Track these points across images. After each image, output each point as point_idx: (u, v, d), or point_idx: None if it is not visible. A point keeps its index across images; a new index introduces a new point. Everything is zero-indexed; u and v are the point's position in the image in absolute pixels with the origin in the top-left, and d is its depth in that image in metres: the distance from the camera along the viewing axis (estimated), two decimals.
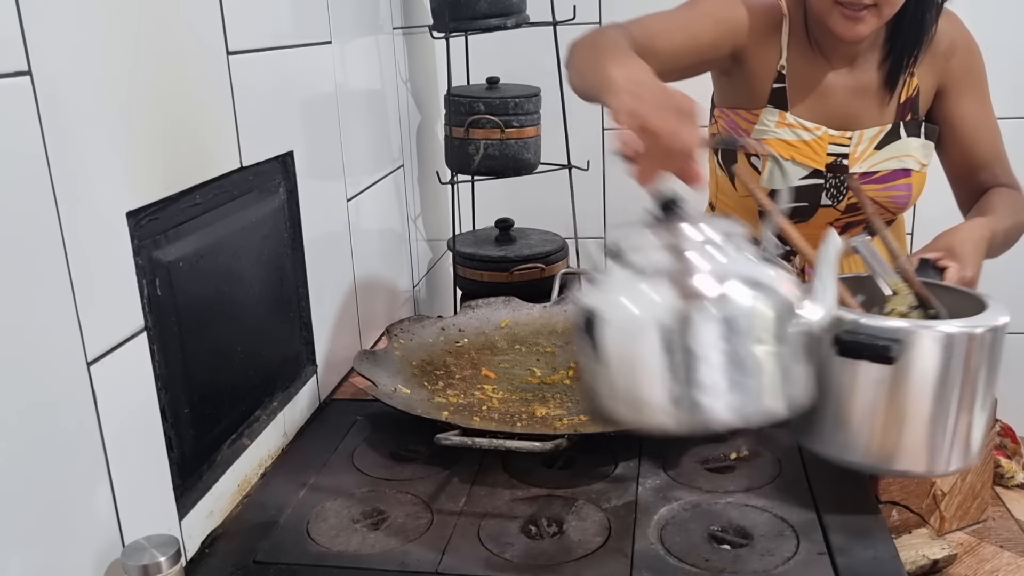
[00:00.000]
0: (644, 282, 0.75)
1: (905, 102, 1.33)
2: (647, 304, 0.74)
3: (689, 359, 0.73)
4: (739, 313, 0.73)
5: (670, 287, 0.74)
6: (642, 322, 0.73)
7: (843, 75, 1.33)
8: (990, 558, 1.18)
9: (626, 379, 0.76)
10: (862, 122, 1.33)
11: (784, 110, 1.33)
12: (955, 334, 0.91)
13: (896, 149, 1.33)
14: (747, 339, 0.73)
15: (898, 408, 0.92)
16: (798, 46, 1.33)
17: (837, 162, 1.33)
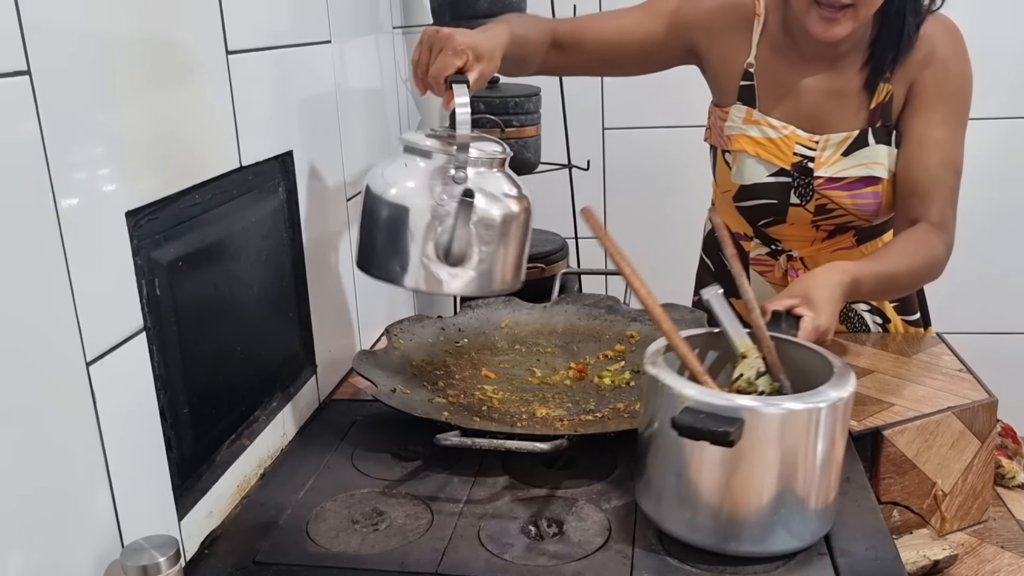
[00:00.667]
0: (421, 175, 1.05)
1: (876, 108, 1.30)
2: (419, 191, 1.05)
3: (433, 236, 1.03)
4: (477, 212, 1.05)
5: (438, 182, 1.05)
6: (411, 204, 1.04)
7: (820, 77, 1.31)
8: (991, 558, 1.18)
9: (387, 242, 1.06)
10: (832, 126, 1.31)
11: (752, 107, 1.33)
12: (798, 411, 0.88)
13: (863, 156, 1.30)
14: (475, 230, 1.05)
15: (739, 487, 0.89)
16: (770, 45, 1.32)
17: (803, 163, 1.31)
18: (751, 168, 1.33)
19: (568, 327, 1.48)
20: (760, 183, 1.34)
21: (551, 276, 1.64)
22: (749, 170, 1.33)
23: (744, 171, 1.34)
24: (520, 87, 1.81)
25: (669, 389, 0.90)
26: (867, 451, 1.16)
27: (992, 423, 1.23)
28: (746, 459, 0.88)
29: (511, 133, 1.74)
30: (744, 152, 1.33)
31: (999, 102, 2.05)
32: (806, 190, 1.32)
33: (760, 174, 1.33)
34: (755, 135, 1.33)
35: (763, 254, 1.44)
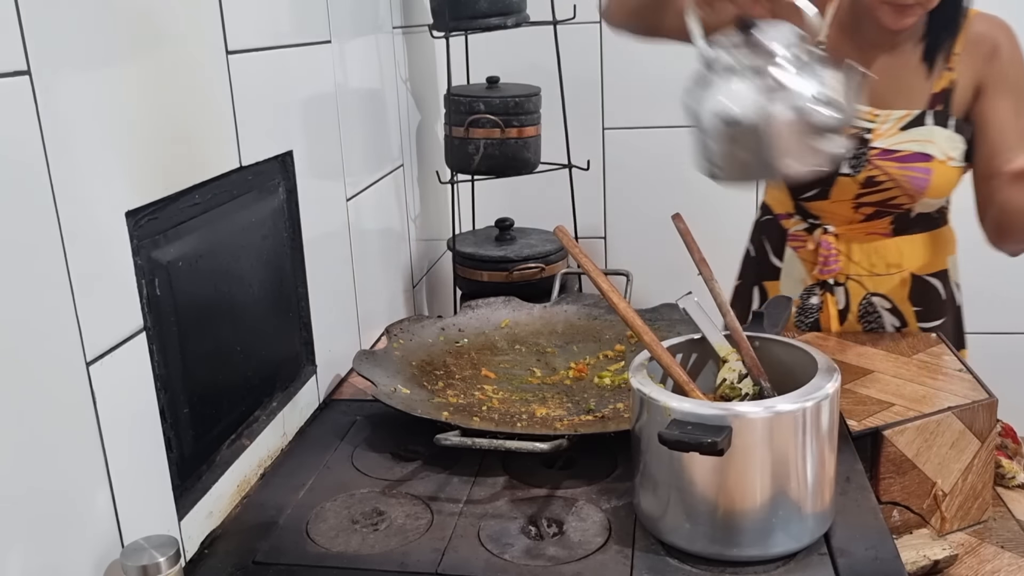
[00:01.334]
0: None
1: (939, 93, 1.36)
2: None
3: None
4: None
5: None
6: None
7: (881, 56, 1.37)
8: (991, 558, 1.18)
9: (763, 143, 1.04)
10: (892, 103, 1.37)
11: None
12: (784, 412, 0.88)
13: (919, 134, 1.36)
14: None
15: (734, 493, 0.89)
16: (839, 25, 1.38)
17: (859, 134, 1.37)
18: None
19: (568, 327, 1.48)
20: None
21: (551, 276, 1.64)
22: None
23: None
24: (520, 87, 1.81)
25: (655, 402, 0.90)
26: (867, 451, 1.16)
27: (992, 423, 1.23)
28: (738, 465, 0.88)
29: (511, 133, 1.74)
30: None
31: None
32: (859, 160, 1.37)
33: None
34: None
35: (800, 230, 1.49)
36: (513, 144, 1.75)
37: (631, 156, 2.18)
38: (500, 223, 1.85)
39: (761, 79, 1.05)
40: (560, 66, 1.88)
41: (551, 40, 1.86)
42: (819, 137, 1.06)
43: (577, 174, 1.93)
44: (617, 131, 2.16)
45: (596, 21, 2.08)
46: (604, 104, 2.14)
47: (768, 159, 1.04)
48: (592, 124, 2.15)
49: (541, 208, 2.03)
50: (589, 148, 2.13)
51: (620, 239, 2.25)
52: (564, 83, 1.91)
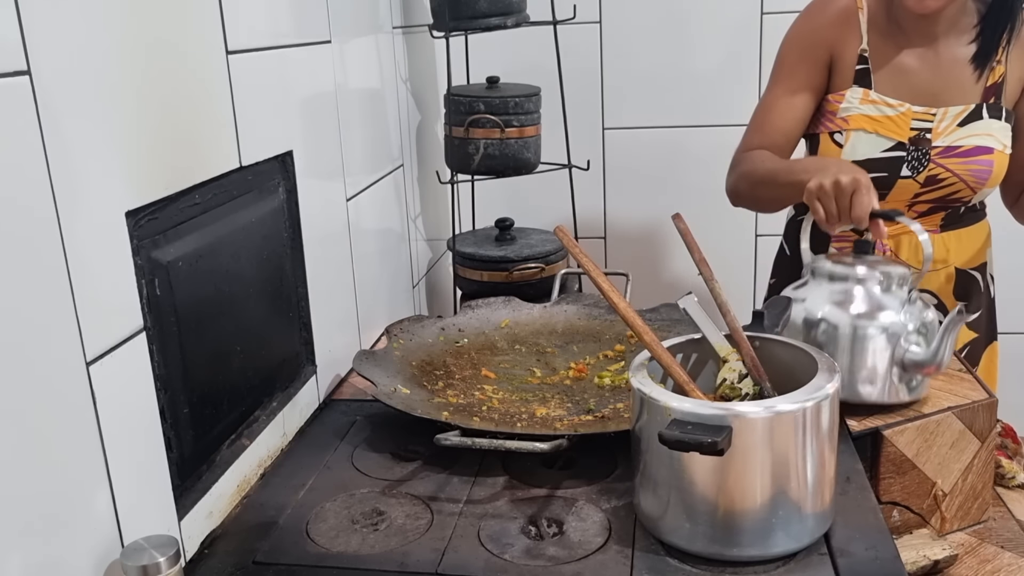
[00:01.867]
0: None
1: (991, 86, 1.37)
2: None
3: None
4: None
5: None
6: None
7: (928, 55, 1.38)
8: (991, 558, 1.18)
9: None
10: (945, 100, 1.38)
11: (868, 88, 1.40)
12: (784, 412, 0.88)
13: (978, 128, 1.37)
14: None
15: (734, 493, 0.90)
16: (878, 29, 1.40)
17: (920, 135, 1.38)
18: (866, 144, 1.39)
19: (568, 327, 1.48)
20: (873, 158, 1.39)
21: (551, 276, 1.64)
22: (863, 146, 1.39)
23: (858, 147, 1.40)
24: (520, 87, 1.81)
25: (655, 402, 0.90)
26: (867, 451, 1.16)
27: (992, 423, 1.23)
28: (738, 465, 0.88)
29: (511, 133, 1.74)
30: (861, 130, 1.39)
31: None
32: (920, 162, 1.38)
33: (875, 149, 1.39)
34: (872, 113, 1.40)
35: (847, 230, 1.47)
36: (513, 144, 1.75)
37: (631, 156, 2.18)
38: (500, 223, 1.85)
39: (867, 300, 1.16)
40: (560, 66, 1.88)
41: (551, 40, 1.86)
42: (904, 372, 1.16)
43: (577, 174, 1.93)
44: (617, 131, 2.15)
45: (596, 21, 2.08)
46: (604, 104, 2.14)
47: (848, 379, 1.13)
48: (592, 124, 2.15)
49: (541, 208, 2.03)
50: (589, 148, 2.13)
51: (620, 239, 2.25)
52: (564, 83, 1.91)
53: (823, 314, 1.17)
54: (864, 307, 1.16)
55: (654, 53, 2.08)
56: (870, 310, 1.16)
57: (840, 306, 1.17)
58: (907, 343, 1.15)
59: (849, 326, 1.16)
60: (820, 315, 1.18)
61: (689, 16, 2.06)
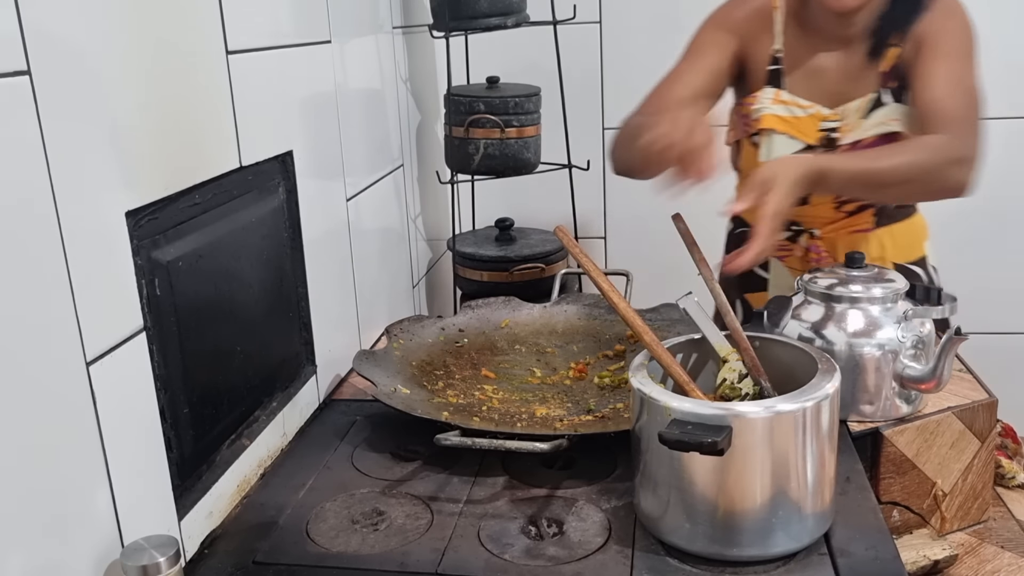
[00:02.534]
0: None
1: (888, 71, 1.35)
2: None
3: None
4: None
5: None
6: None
7: (838, 57, 1.38)
8: (991, 558, 1.18)
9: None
10: (847, 96, 1.37)
11: (779, 88, 1.40)
12: (784, 412, 0.88)
13: (882, 115, 1.35)
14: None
15: (734, 493, 0.90)
16: (792, 31, 1.39)
17: (827, 136, 1.37)
18: (779, 145, 1.39)
19: (568, 327, 1.48)
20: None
21: (551, 276, 1.64)
22: (778, 148, 1.39)
23: (773, 149, 1.39)
24: (520, 87, 1.81)
25: (655, 402, 0.90)
26: (867, 451, 1.16)
27: (992, 423, 1.23)
28: (738, 465, 0.88)
29: (511, 133, 1.74)
30: (772, 130, 1.39)
31: (999, 102, 2.05)
32: None
33: (788, 150, 1.39)
34: (782, 114, 1.39)
35: (783, 239, 1.47)
36: (513, 144, 1.75)
37: None
38: (500, 223, 1.85)
39: (863, 318, 1.15)
40: (560, 66, 1.88)
41: (551, 40, 1.86)
42: (903, 389, 1.16)
43: (577, 174, 1.93)
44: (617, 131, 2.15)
45: (596, 21, 2.08)
46: (604, 104, 2.14)
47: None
48: (592, 124, 2.15)
49: (541, 208, 2.03)
50: (589, 148, 2.13)
51: (620, 239, 2.25)
52: (564, 83, 1.91)
53: (818, 332, 1.17)
54: (860, 325, 1.16)
55: (654, 53, 2.07)
56: (867, 328, 1.16)
57: (836, 324, 1.17)
58: (905, 360, 1.14)
59: (845, 344, 1.15)
60: (815, 333, 1.17)
61: (689, 16, 2.06)
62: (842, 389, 0.95)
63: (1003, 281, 2.15)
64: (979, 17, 1.73)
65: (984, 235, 2.11)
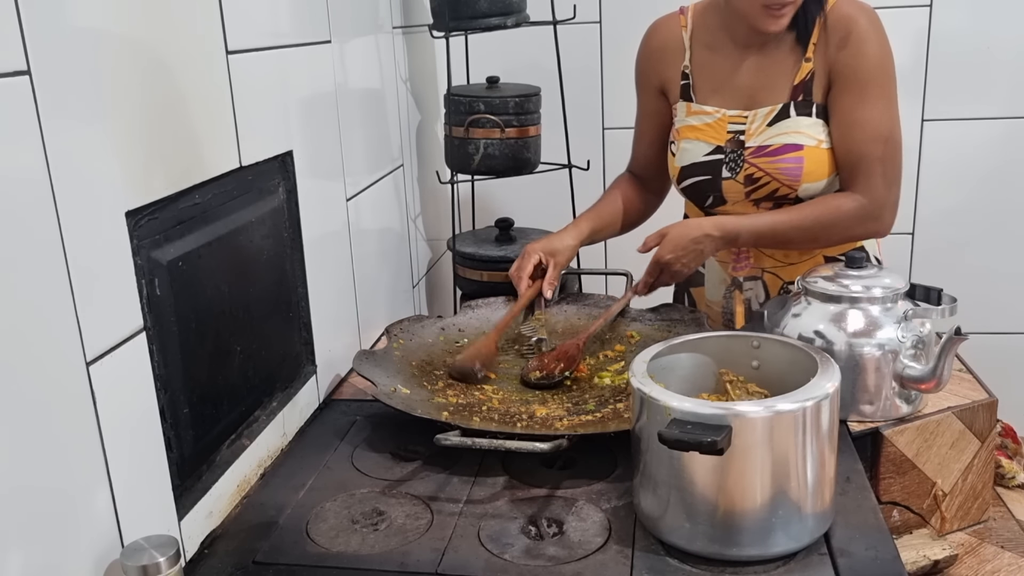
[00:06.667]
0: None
1: (798, 84, 1.37)
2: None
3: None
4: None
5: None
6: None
7: (753, 59, 1.41)
8: (991, 558, 1.18)
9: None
10: (761, 101, 1.40)
11: (690, 101, 1.46)
12: (784, 411, 0.88)
13: (786, 126, 1.38)
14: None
15: (734, 492, 0.90)
16: (701, 42, 1.45)
17: (735, 138, 1.41)
18: (689, 150, 1.45)
19: (568, 327, 1.48)
20: (696, 162, 1.44)
21: None
22: (688, 153, 1.45)
23: (684, 154, 1.46)
24: (520, 87, 1.81)
25: (655, 402, 0.90)
26: (867, 451, 1.16)
27: (992, 423, 1.23)
28: (738, 465, 0.88)
29: (511, 133, 1.74)
30: (687, 139, 1.45)
31: (999, 102, 2.05)
32: (736, 163, 1.41)
33: (697, 154, 1.44)
34: (694, 123, 1.45)
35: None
36: (513, 144, 1.75)
37: None
38: (500, 223, 1.85)
39: (862, 318, 1.16)
40: (560, 66, 1.88)
41: (551, 40, 1.85)
42: (903, 389, 1.16)
43: (577, 174, 1.93)
44: (617, 131, 2.15)
45: (596, 21, 2.08)
46: (604, 104, 2.14)
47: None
48: (592, 124, 2.15)
49: (541, 208, 2.02)
50: (589, 148, 2.13)
51: (620, 239, 2.25)
52: (564, 83, 1.91)
53: (818, 332, 1.17)
54: (860, 325, 1.16)
55: None
56: (867, 328, 1.16)
57: (836, 325, 1.17)
58: (905, 360, 1.14)
59: (845, 344, 1.16)
60: (815, 333, 1.17)
61: None
62: (842, 389, 0.95)
63: (1003, 281, 2.15)
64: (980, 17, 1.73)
65: (983, 235, 2.11)
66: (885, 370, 1.15)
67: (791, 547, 0.92)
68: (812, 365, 0.96)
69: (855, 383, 1.15)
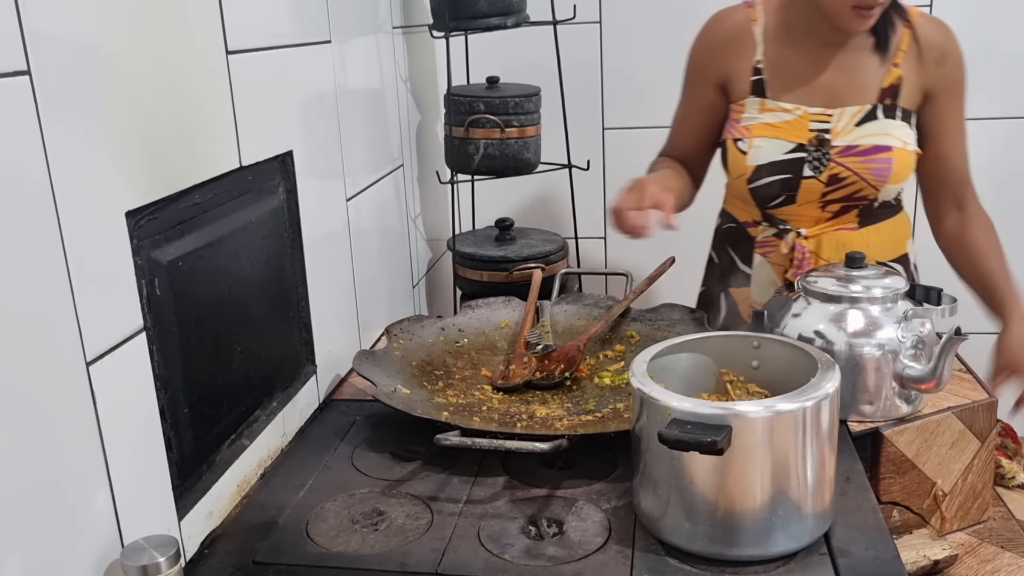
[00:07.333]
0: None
1: (887, 88, 1.38)
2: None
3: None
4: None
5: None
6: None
7: (830, 56, 1.40)
8: (991, 558, 1.18)
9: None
10: (843, 100, 1.40)
11: (764, 97, 1.43)
12: (784, 411, 0.88)
13: (874, 127, 1.38)
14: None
15: (734, 492, 0.90)
16: (774, 38, 1.43)
17: (820, 136, 1.39)
18: (766, 148, 1.42)
19: (568, 327, 1.48)
20: (775, 161, 1.41)
21: (551, 276, 1.64)
22: (764, 151, 1.42)
23: (759, 153, 1.42)
24: (520, 87, 1.81)
25: (655, 402, 0.90)
26: (867, 451, 1.16)
27: (992, 423, 1.23)
28: (738, 465, 0.89)
29: (511, 133, 1.74)
30: (762, 136, 1.42)
31: (999, 102, 2.05)
32: (820, 161, 1.40)
33: (775, 152, 1.41)
34: (770, 120, 1.42)
35: (769, 235, 1.49)
36: (513, 144, 1.75)
37: (631, 156, 2.17)
38: (500, 223, 1.85)
39: (862, 318, 1.16)
40: (560, 66, 1.88)
41: (551, 40, 1.85)
42: (903, 389, 1.16)
43: (577, 174, 1.93)
44: (617, 131, 2.15)
45: (596, 21, 2.08)
46: (604, 104, 2.14)
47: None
48: (592, 124, 2.15)
49: (541, 208, 2.03)
50: (589, 148, 2.13)
51: (620, 239, 2.24)
52: (564, 83, 1.91)
53: (818, 332, 1.17)
54: (860, 325, 1.16)
55: (654, 53, 2.08)
56: (867, 328, 1.16)
57: (836, 324, 1.17)
58: (905, 360, 1.14)
59: (845, 344, 1.16)
60: (815, 333, 1.17)
61: (689, 16, 2.06)
62: (842, 389, 0.95)
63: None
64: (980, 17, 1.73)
65: None
66: (885, 370, 1.15)
67: (791, 547, 0.92)
68: (812, 365, 0.96)
69: (855, 383, 1.15)
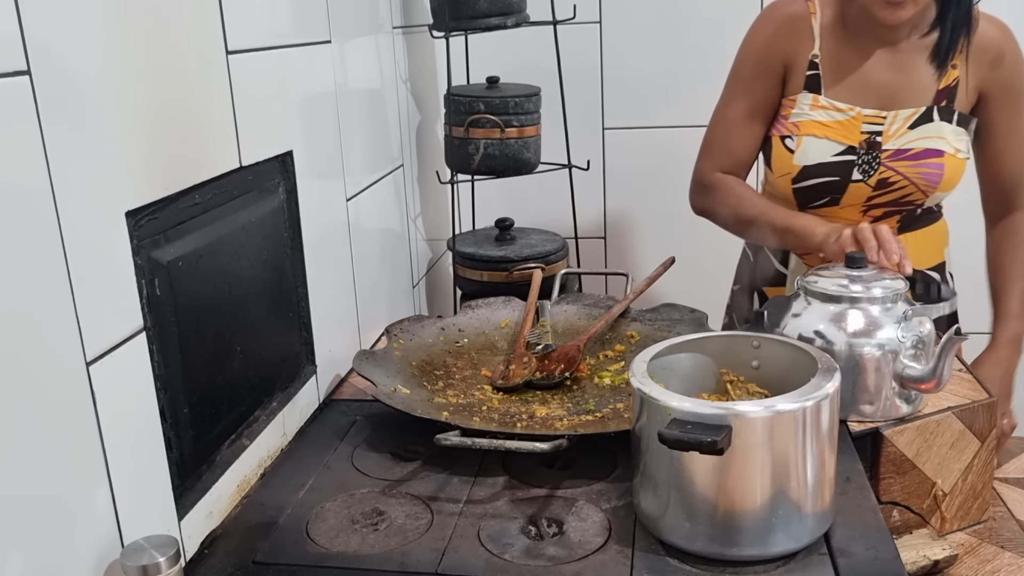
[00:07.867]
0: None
1: (943, 89, 1.37)
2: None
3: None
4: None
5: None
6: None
7: (886, 57, 1.38)
8: (991, 558, 1.18)
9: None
10: (901, 101, 1.38)
11: (817, 93, 1.40)
12: (784, 411, 0.88)
13: (929, 130, 1.37)
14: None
15: (734, 492, 0.89)
16: (832, 34, 1.40)
17: (871, 139, 1.38)
18: (815, 149, 1.40)
19: (568, 327, 1.48)
20: (824, 162, 1.39)
21: (551, 276, 1.64)
22: (812, 151, 1.40)
23: (809, 152, 1.40)
24: (520, 87, 1.81)
25: (655, 402, 0.90)
26: (867, 451, 1.16)
27: (992, 423, 1.23)
28: (738, 465, 0.88)
29: (511, 133, 1.74)
30: (812, 135, 1.40)
31: None
32: (871, 165, 1.38)
33: (824, 154, 1.39)
34: (822, 119, 1.40)
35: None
36: (513, 144, 1.75)
37: (631, 156, 2.18)
38: (500, 223, 1.85)
39: (862, 318, 1.16)
40: (560, 66, 1.88)
41: (551, 40, 1.86)
42: (903, 389, 1.16)
43: (577, 174, 1.93)
44: (617, 131, 2.16)
45: (596, 21, 2.08)
46: (604, 104, 2.14)
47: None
48: (592, 124, 2.15)
49: (541, 208, 2.03)
50: (589, 148, 2.13)
51: (620, 239, 2.25)
52: (564, 83, 1.91)
53: (818, 332, 1.17)
54: (860, 325, 1.16)
55: (654, 53, 2.08)
56: (867, 328, 1.16)
57: (836, 324, 1.17)
58: (905, 360, 1.14)
59: (845, 344, 1.15)
60: (815, 333, 1.17)
61: (689, 16, 2.06)
62: (842, 389, 0.95)
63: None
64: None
65: (984, 235, 2.11)
66: (885, 370, 1.15)
67: (791, 547, 0.92)
68: (812, 365, 0.96)
69: (855, 383, 1.15)
